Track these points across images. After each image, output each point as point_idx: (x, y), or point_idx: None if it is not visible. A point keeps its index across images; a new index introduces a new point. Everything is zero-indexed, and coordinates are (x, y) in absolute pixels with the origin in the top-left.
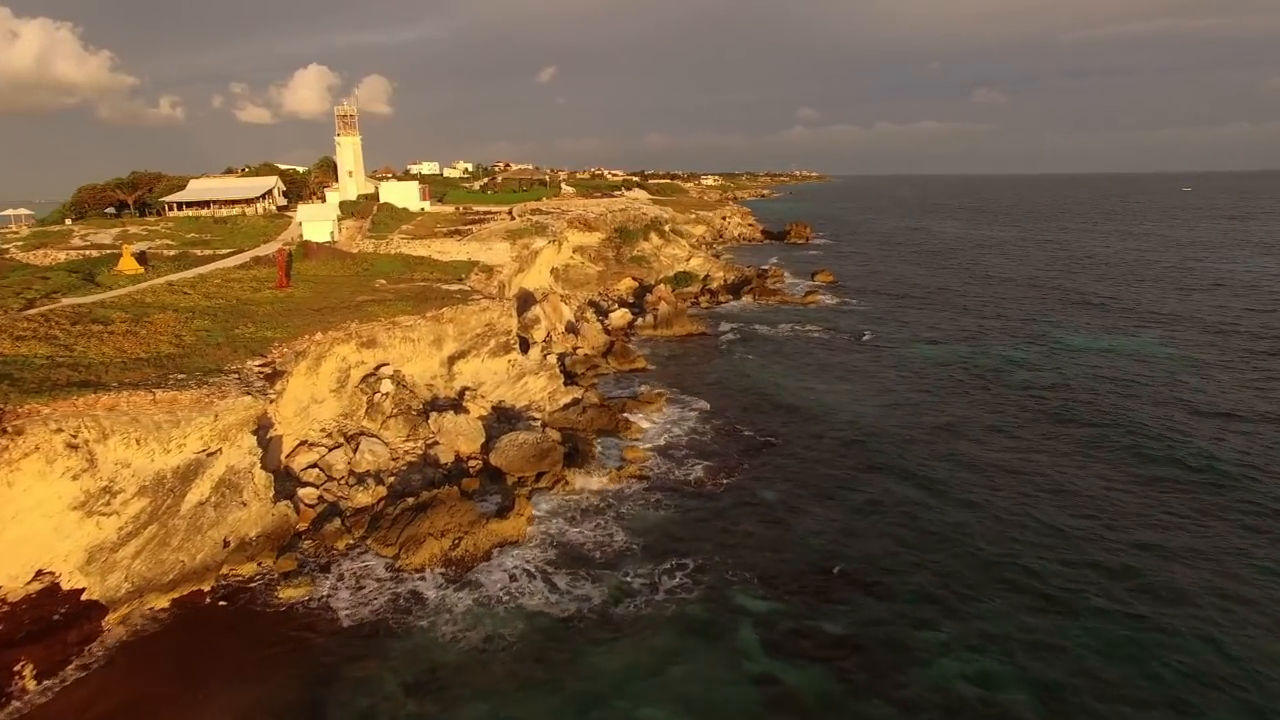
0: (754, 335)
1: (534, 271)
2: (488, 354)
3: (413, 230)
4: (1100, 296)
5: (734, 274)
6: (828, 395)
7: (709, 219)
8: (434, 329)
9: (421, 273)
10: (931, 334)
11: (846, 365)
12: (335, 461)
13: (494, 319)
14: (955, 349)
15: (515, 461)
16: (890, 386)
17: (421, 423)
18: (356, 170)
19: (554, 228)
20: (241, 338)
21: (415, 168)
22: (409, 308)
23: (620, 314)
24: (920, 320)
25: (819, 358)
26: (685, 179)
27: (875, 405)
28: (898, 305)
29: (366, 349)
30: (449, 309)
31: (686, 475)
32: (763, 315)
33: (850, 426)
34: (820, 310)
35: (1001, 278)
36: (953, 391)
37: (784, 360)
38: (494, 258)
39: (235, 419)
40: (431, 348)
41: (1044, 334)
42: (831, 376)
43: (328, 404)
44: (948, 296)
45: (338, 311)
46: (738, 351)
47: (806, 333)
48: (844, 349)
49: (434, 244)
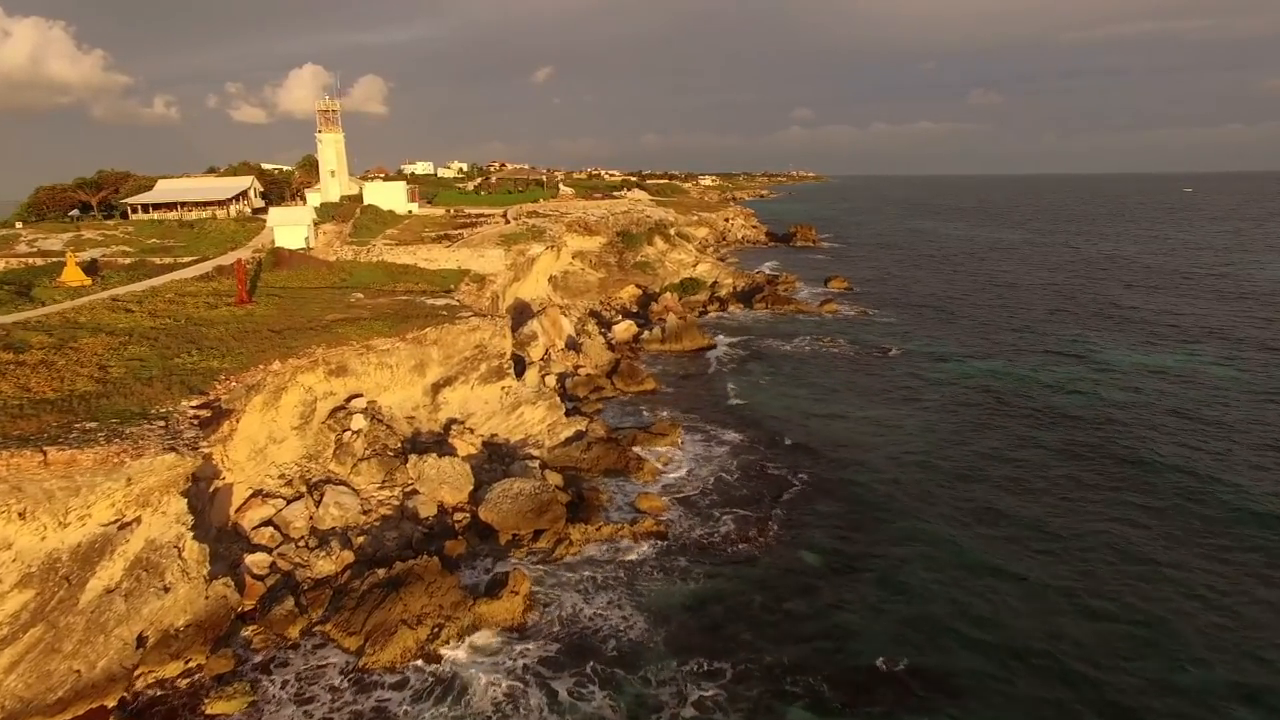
0: (771, 350)
1: (530, 280)
2: (478, 380)
3: (398, 235)
4: (1134, 306)
5: (744, 281)
6: (861, 425)
7: (711, 221)
8: (416, 352)
9: (406, 283)
10: (961, 349)
11: (876, 387)
12: (294, 517)
13: (485, 340)
14: (990, 367)
15: (509, 517)
16: (927, 414)
17: (399, 466)
18: (340, 170)
19: (552, 232)
20: (182, 369)
21: (409, 167)
22: (386, 328)
23: (625, 326)
24: (946, 333)
25: (845, 378)
26: (683, 179)
27: (915, 438)
28: (920, 315)
29: (336, 377)
30: (433, 329)
31: (712, 531)
32: (777, 327)
33: (891, 465)
34: (839, 321)
35: (1022, 284)
36: (996, 422)
37: (807, 381)
38: (486, 266)
39: (156, 481)
40: (413, 374)
41: (1082, 349)
42: (861, 401)
43: (289, 444)
44: (970, 305)
45: (303, 333)
46: (755, 370)
47: (827, 348)
48: (870, 368)
49: (421, 251)
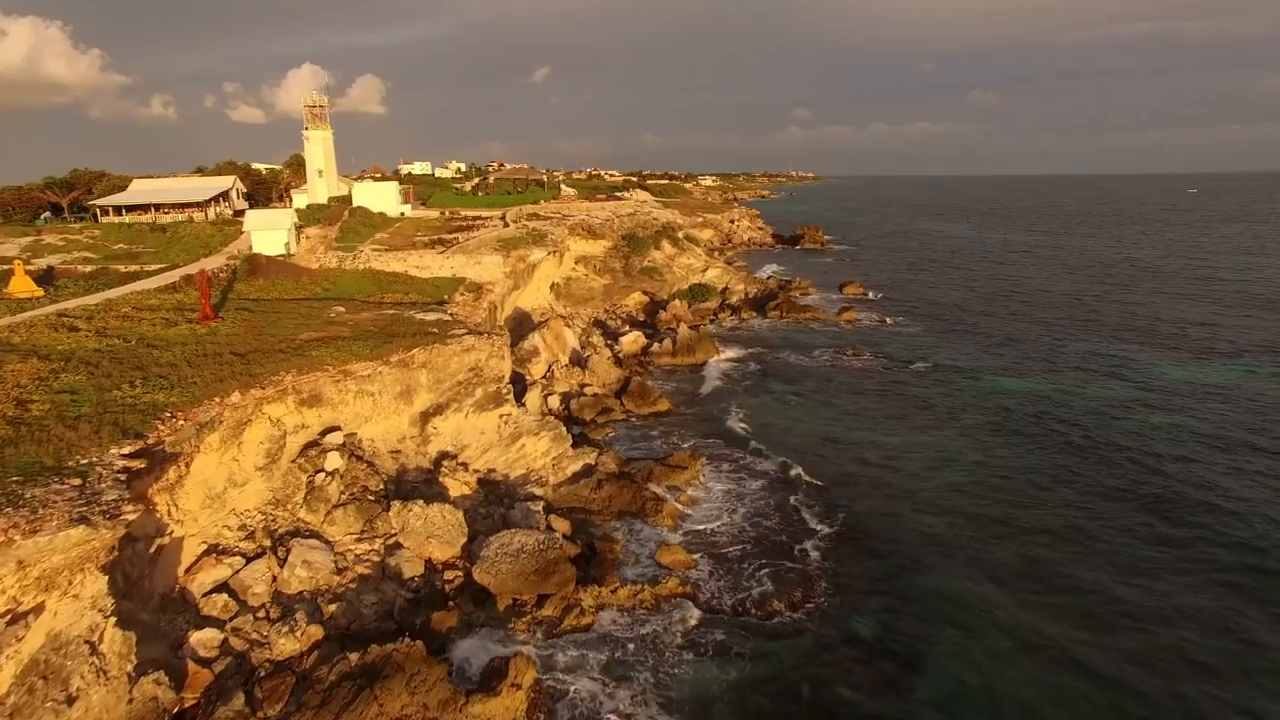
0: (790, 365)
1: (531, 288)
2: (473, 408)
3: (388, 240)
4: (1166, 315)
5: (756, 287)
6: (899, 455)
7: (716, 222)
8: (401, 377)
9: (395, 293)
10: (992, 364)
11: (908, 409)
12: (254, 580)
13: (481, 361)
14: (1027, 385)
15: (509, 579)
16: (968, 443)
17: (380, 513)
18: (328, 169)
19: (554, 236)
20: (119, 404)
21: (406, 167)
22: (368, 349)
23: (632, 338)
24: (973, 345)
25: (874, 398)
26: (683, 180)
27: (958, 472)
28: (942, 324)
29: (308, 408)
30: (421, 350)
31: (747, 593)
32: (795, 337)
33: (938, 508)
34: (858, 331)
35: (1044, 290)
36: (1045, 455)
37: (833, 401)
38: (483, 273)
39: (62, 560)
40: (398, 402)
41: (1122, 364)
42: (895, 425)
43: (253, 487)
44: (993, 313)
45: (272, 356)
46: (775, 388)
47: (850, 361)
48: (899, 385)
49: (412, 257)
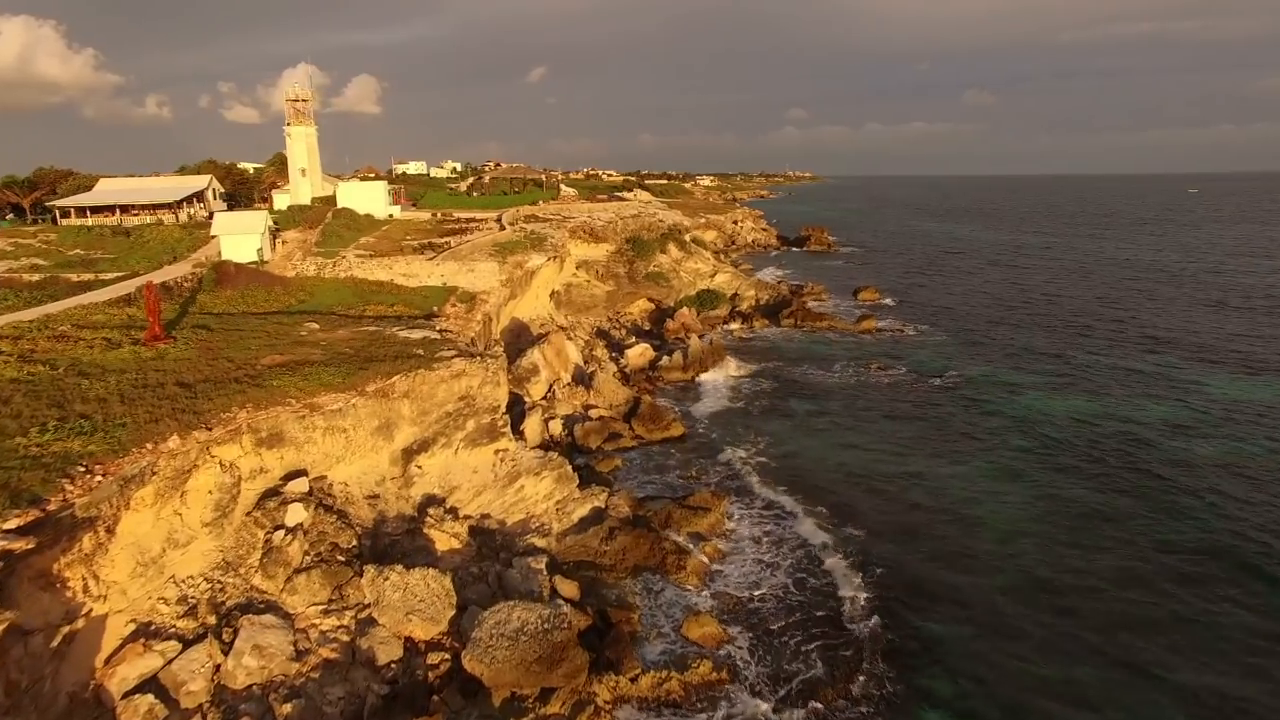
0: (812, 381)
1: (529, 297)
2: (463, 443)
3: (374, 244)
4: (1209, 325)
5: (767, 292)
6: (945, 489)
7: (719, 223)
8: (379, 409)
9: (378, 304)
10: (1029, 378)
11: (949, 433)
12: (190, 674)
13: (473, 388)
14: (1074, 403)
15: (506, 669)
16: (1021, 474)
17: (352, 578)
18: (311, 168)
19: (554, 239)
20: (18, 456)
21: (401, 167)
22: (340, 376)
23: (639, 351)
24: (1004, 356)
25: (907, 420)
26: (680, 180)
27: (1017, 512)
28: (967, 333)
29: (268, 449)
30: (403, 376)
31: (794, 680)
32: (813, 348)
33: (998, 553)
34: (880, 342)
35: (1068, 295)
36: (1107, 485)
37: (863, 424)
38: (477, 282)
39: None
40: (376, 438)
41: (1172, 378)
42: (935, 453)
43: (198, 547)
44: (1019, 320)
45: (224, 387)
46: (797, 409)
47: (875, 377)
48: (933, 405)
49: (399, 263)
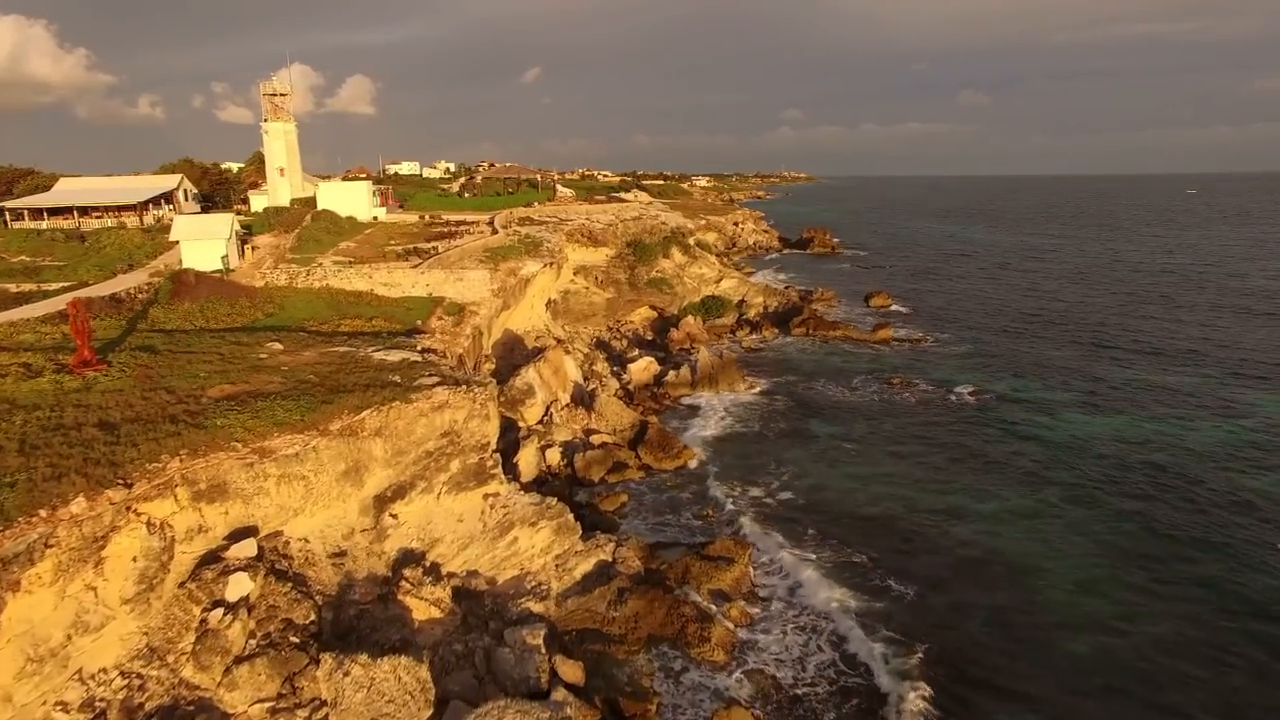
0: (831, 400)
1: (524, 306)
2: (447, 487)
3: (355, 250)
4: (1248, 336)
5: (776, 299)
6: (994, 528)
7: (720, 225)
8: (346, 451)
9: (355, 319)
10: (1066, 395)
11: (989, 462)
12: None
13: (457, 423)
14: (1119, 426)
15: None
16: (1072, 509)
17: (307, 665)
18: (290, 167)
19: (550, 244)
20: None
21: (394, 167)
22: (299, 412)
23: (643, 365)
24: (1033, 369)
25: (940, 446)
26: (676, 180)
27: (1078, 561)
28: (990, 344)
29: (208, 503)
30: (374, 411)
31: None
32: (829, 361)
33: (1068, 614)
34: (900, 354)
35: (1089, 302)
36: (1180, 533)
37: (894, 450)
38: (466, 291)
39: None
40: (342, 484)
41: (1222, 395)
42: (975, 483)
43: (115, 630)
44: (1045, 332)
45: (156, 428)
46: (819, 431)
47: (899, 394)
48: (967, 427)
49: (379, 272)
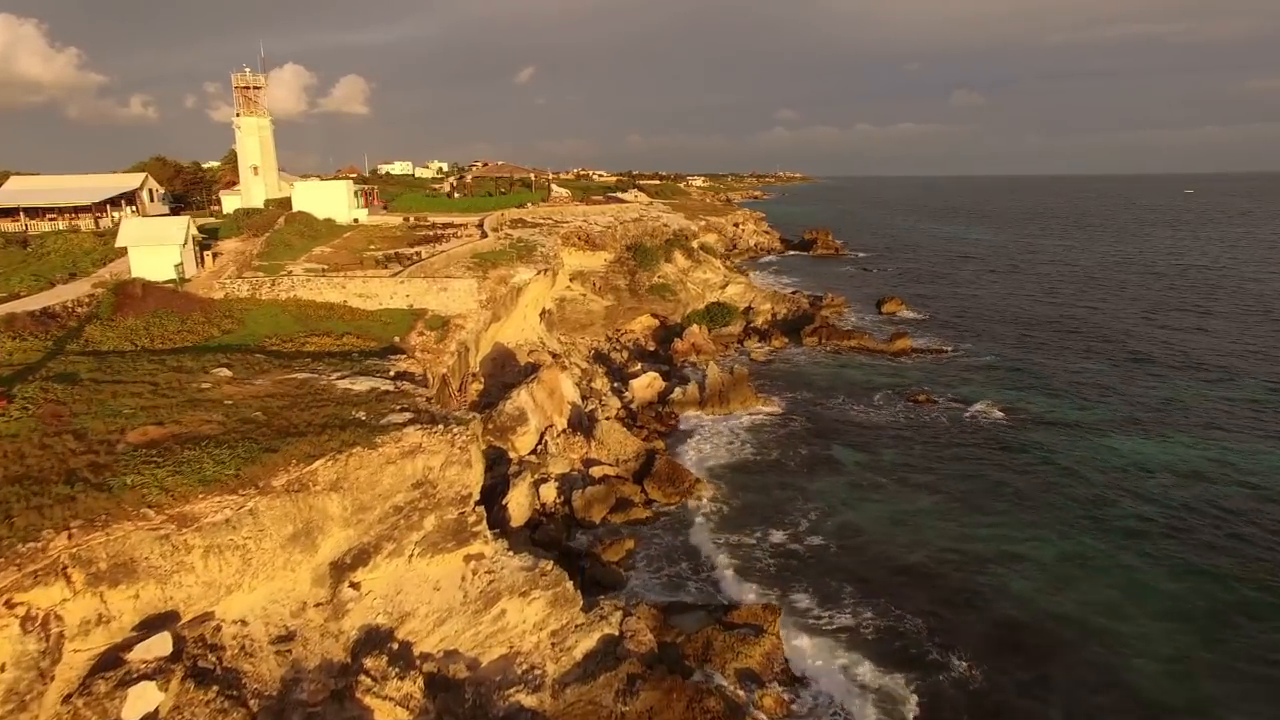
0: (852, 420)
1: (516, 317)
2: (420, 549)
3: (331, 255)
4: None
5: (785, 306)
6: (1061, 581)
7: (720, 226)
8: (294, 510)
9: (322, 336)
10: (1108, 413)
11: (1036, 492)
12: None
13: (433, 471)
14: (1176, 451)
15: None
16: (1146, 559)
17: None
18: (265, 165)
19: (545, 248)
20: None
21: (386, 167)
22: (236, 464)
23: (646, 381)
24: (1068, 385)
25: (978, 473)
26: (672, 180)
27: (1168, 630)
28: (1015, 353)
29: (111, 586)
30: (329, 461)
31: None
32: (846, 374)
33: (1169, 702)
34: (920, 366)
35: (1112, 308)
36: (1248, 572)
37: (927, 479)
38: (451, 303)
39: None
40: (290, 550)
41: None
42: (1028, 522)
43: None
44: (1070, 340)
45: (45, 491)
46: (843, 458)
47: (925, 412)
48: (1004, 451)
49: (354, 281)
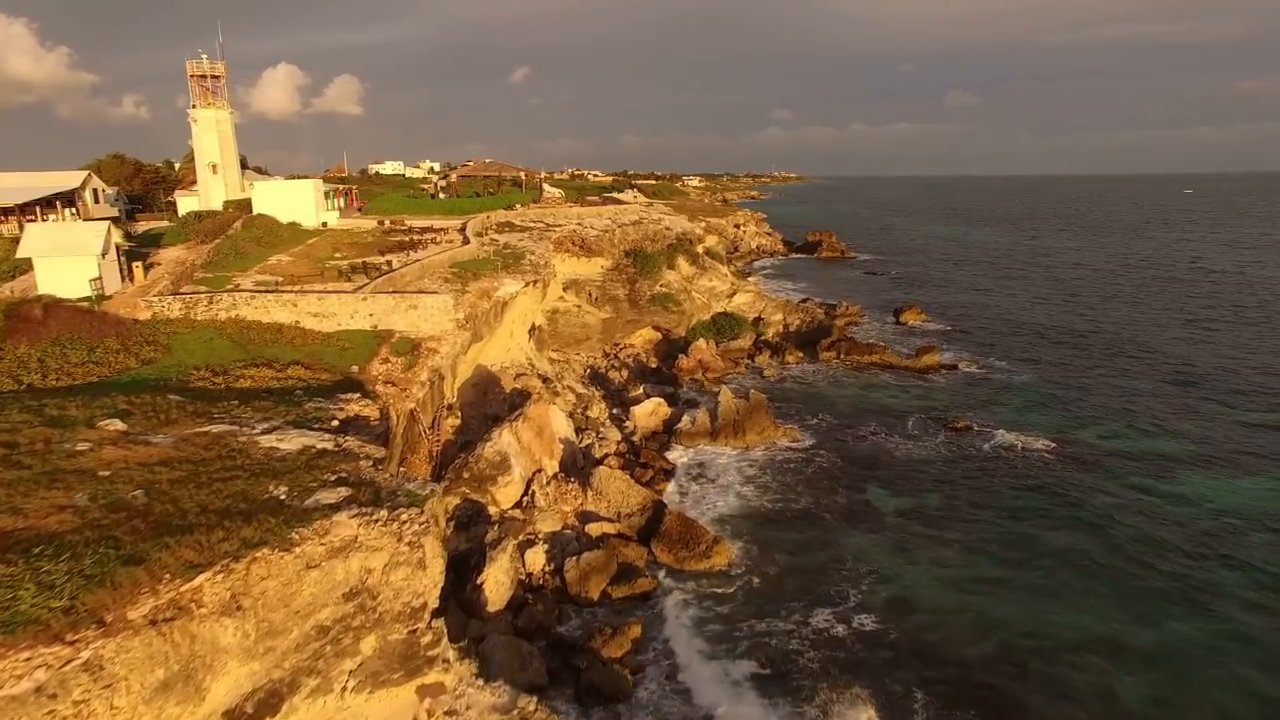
0: (885, 452)
1: (500, 336)
2: (355, 682)
3: (289, 265)
4: None
5: (797, 316)
6: (1169, 681)
7: (721, 228)
8: (163, 649)
9: (262, 368)
10: (1171, 447)
11: (1106, 550)
12: None
13: (373, 572)
14: (1258, 492)
15: None
16: (1266, 649)
17: None
18: (226, 163)
19: (535, 256)
20: None
21: (377, 167)
22: (70, 591)
23: (650, 409)
24: (1118, 410)
25: (1036, 524)
26: (668, 180)
27: None
28: (1055, 373)
29: None
30: (218, 573)
31: None
32: (871, 396)
33: None
34: (954, 387)
35: (1147, 319)
36: None
37: (979, 531)
38: (422, 322)
39: None
40: (164, 700)
41: None
42: (1108, 590)
43: None
44: (1109, 356)
45: None
46: (882, 503)
47: (970, 443)
48: (1059, 490)
49: (308, 298)
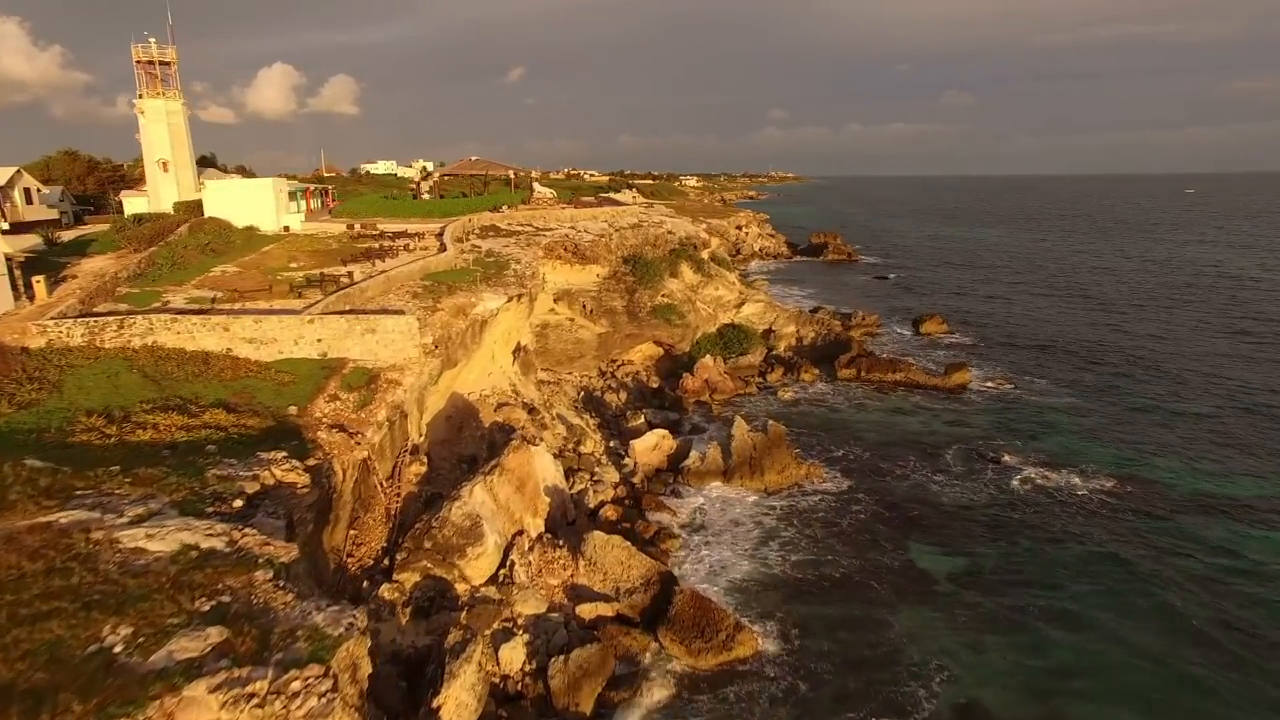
0: (925, 491)
1: (480, 358)
2: None
3: (234, 278)
4: None
5: (811, 328)
6: None
7: (722, 229)
8: None
9: (171, 412)
10: (1258, 491)
11: (1222, 631)
12: None
13: None
14: None
15: None
16: None
17: None
18: (178, 160)
19: (521, 265)
20: None
21: (369, 166)
22: None
23: (652, 442)
24: (1181, 440)
25: (1114, 595)
26: (665, 180)
27: None
28: (1100, 396)
29: None
30: None
31: None
32: (899, 421)
33: None
34: (989, 408)
35: (1189, 332)
36: None
37: (1045, 604)
38: (381, 349)
39: None
40: None
41: None
42: (1213, 688)
43: None
44: (1157, 377)
45: None
46: (928, 561)
47: (1017, 481)
48: (1132, 545)
49: (242, 320)
